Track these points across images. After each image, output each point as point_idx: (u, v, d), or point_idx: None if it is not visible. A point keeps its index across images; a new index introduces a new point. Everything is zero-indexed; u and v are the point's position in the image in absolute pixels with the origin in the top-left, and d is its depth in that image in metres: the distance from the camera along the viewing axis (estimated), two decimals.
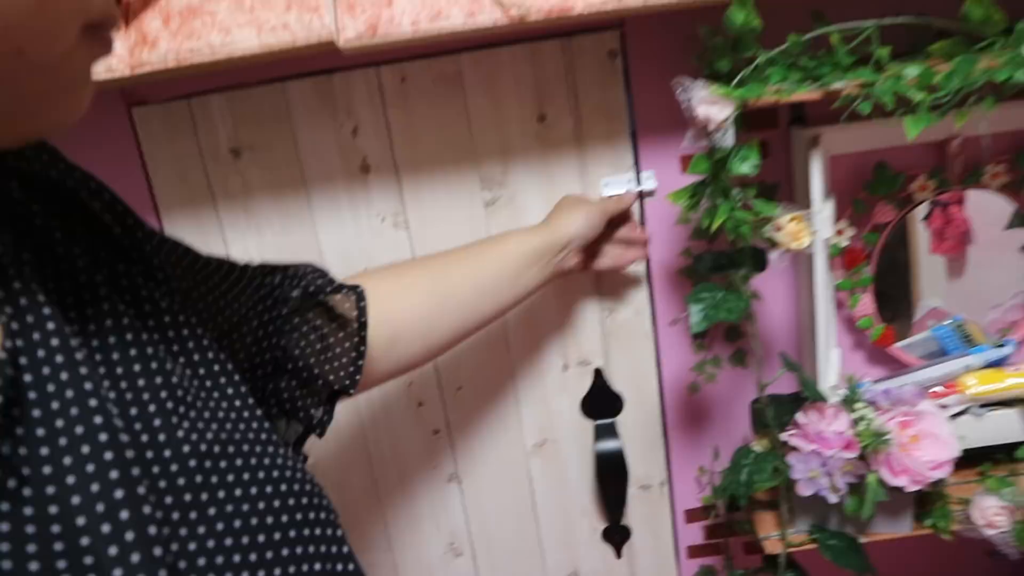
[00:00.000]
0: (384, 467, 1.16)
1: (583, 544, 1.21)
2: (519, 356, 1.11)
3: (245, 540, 0.42)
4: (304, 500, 0.47)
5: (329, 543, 0.48)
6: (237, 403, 0.48)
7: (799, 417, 0.93)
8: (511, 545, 1.21)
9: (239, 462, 0.44)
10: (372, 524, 1.19)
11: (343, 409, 1.12)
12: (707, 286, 0.91)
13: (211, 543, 0.40)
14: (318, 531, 0.47)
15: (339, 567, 0.49)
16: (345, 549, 0.50)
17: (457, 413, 1.14)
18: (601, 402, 1.13)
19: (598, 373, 1.12)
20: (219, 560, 0.40)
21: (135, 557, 0.35)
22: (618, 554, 1.22)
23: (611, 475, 1.15)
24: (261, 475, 0.45)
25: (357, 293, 0.70)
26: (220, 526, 0.41)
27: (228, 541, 0.41)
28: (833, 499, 0.91)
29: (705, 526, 1.18)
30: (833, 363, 1.00)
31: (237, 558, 0.41)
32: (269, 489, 0.45)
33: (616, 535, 1.21)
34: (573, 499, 1.19)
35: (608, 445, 1.13)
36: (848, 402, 0.92)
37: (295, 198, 1.03)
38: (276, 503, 0.45)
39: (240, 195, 1.03)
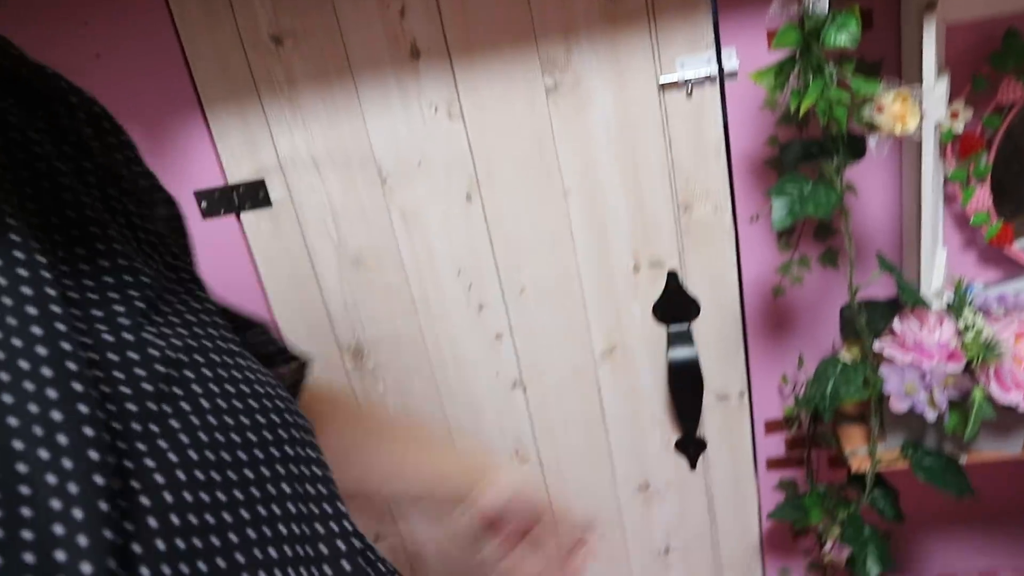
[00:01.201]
0: (445, 372, 1.12)
1: (655, 455, 1.16)
2: (586, 256, 1.03)
3: (210, 455, 0.37)
4: (276, 417, 0.42)
5: (300, 463, 0.44)
6: (204, 314, 0.44)
7: (896, 324, 0.83)
8: (579, 453, 1.17)
9: (207, 372, 0.40)
10: (435, 429, 1.16)
11: (402, 312, 1.08)
12: (794, 177, 0.81)
13: (173, 457, 0.36)
14: (290, 450, 0.43)
15: (312, 489, 0.44)
16: (319, 471, 0.45)
17: (520, 317, 1.08)
18: (675, 306, 1.05)
19: (672, 275, 1.03)
20: (180, 476, 0.36)
21: (73, 487, 0.30)
22: (692, 465, 1.16)
23: (685, 384, 1.08)
24: (230, 388, 0.41)
25: (301, 362, 0.63)
26: (185, 438, 0.37)
27: (192, 455, 0.37)
28: (931, 416, 0.81)
29: (786, 438, 1.10)
30: (939, 264, 0.89)
31: (200, 474, 0.37)
32: (238, 403, 0.41)
33: (690, 446, 1.15)
34: (644, 408, 1.12)
35: (682, 352, 1.06)
36: (955, 308, 0.82)
37: (342, 88, 0.96)
38: (245, 419, 0.40)
39: (284, 86, 0.96)
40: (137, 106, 0.98)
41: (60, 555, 0.30)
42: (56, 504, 0.30)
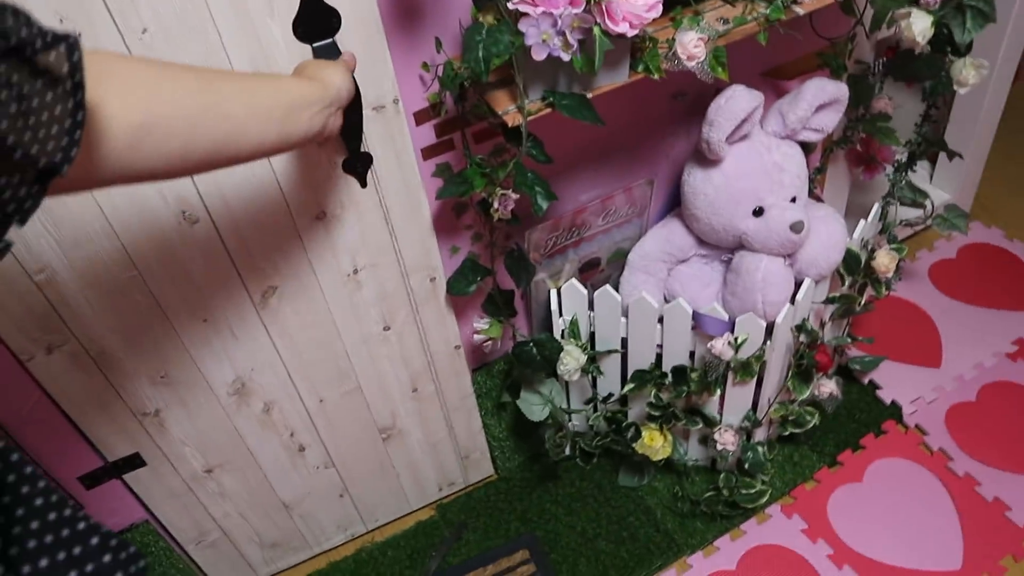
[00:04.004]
0: None
1: (324, 180, 1.17)
2: None
3: None
4: None
5: None
6: None
7: None
8: (248, 198, 1.14)
9: None
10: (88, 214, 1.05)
11: None
12: None
13: None
14: None
15: None
16: None
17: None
18: (315, 21, 1.01)
19: None
20: None
21: None
22: (363, 183, 1.19)
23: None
24: None
25: (68, 42, 0.52)
26: None
27: None
28: (566, 57, 0.94)
29: (435, 124, 1.18)
30: None
31: None
32: None
33: (358, 164, 1.17)
34: None
35: None
36: None
37: None
38: None
39: None
40: None
41: None
42: None
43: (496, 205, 1.15)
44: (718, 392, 1.48)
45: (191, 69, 0.71)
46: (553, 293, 1.44)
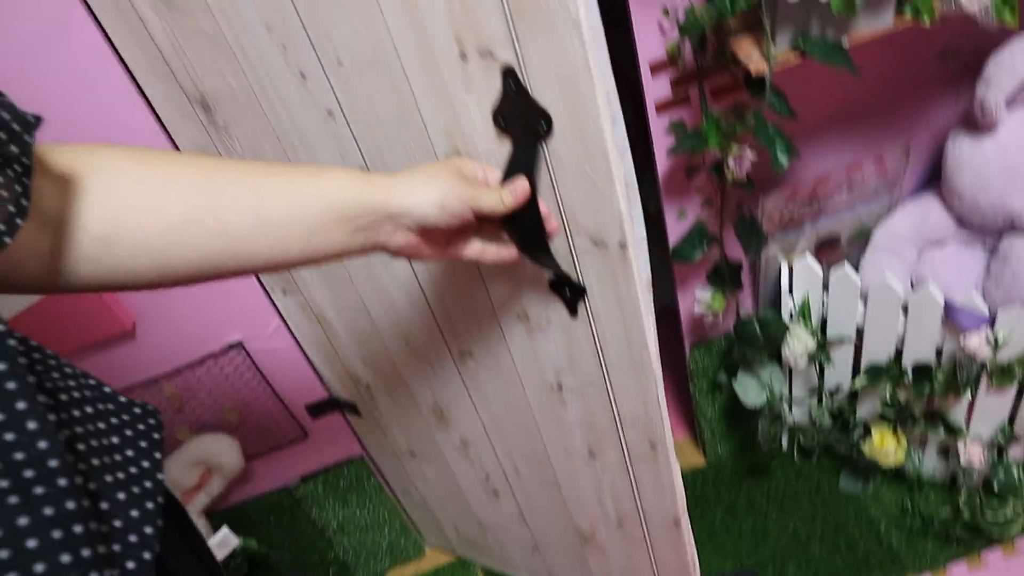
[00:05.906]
0: (291, 142, 0.98)
1: (528, 285, 0.96)
2: (398, 28, 0.77)
3: None
4: None
5: None
6: None
7: None
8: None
9: None
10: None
11: (229, 67, 0.91)
12: None
13: None
14: None
15: None
16: None
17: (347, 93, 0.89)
18: (518, 117, 0.76)
19: (509, 74, 0.73)
20: None
21: None
22: (572, 312, 0.95)
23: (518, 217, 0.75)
24: None
25: (26, 121, 0.47)
26: None
27: None
28: None
29: (671, 78, 1.12)
30: None
31: None
32: None
33: (566, 290, 0.92)
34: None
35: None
36: None
37: None
38: None
39: None
40: None
41: None
42: None
43: (731, 164, 1.08)
44: (967, 397, 1.31)
45: (193, 168, 0.59)
46: (784, 268, 1.33)
